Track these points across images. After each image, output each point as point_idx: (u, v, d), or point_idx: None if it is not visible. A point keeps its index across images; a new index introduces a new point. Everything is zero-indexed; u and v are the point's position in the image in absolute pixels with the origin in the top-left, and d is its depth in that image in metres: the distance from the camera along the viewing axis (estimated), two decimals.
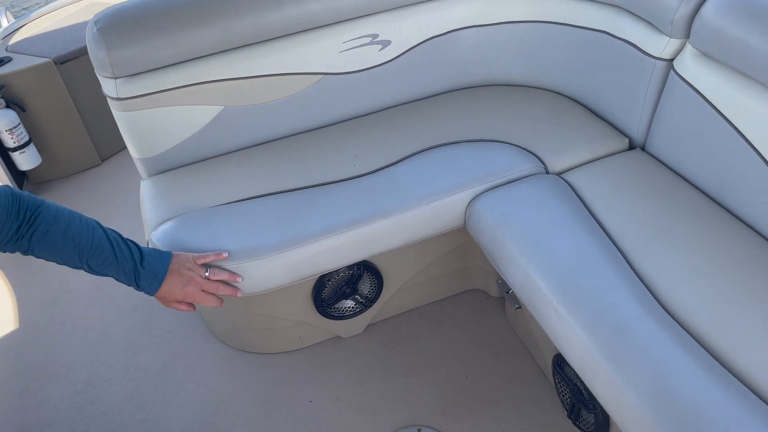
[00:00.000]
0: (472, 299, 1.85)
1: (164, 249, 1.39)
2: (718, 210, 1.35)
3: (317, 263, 1.43)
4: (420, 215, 1.47)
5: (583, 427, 1.38)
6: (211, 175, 1.62)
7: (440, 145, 1.63)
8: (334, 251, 1.42)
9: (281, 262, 1.38)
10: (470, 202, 1.50)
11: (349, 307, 1.67)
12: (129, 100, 1.54)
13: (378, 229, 1.44)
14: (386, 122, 1.75)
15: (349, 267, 1.58)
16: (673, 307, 1.16)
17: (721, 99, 1.31)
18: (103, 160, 2.76)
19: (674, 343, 1.09)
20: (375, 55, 1.71)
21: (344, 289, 1.62)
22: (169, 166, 1.68)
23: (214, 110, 1.63)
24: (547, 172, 1.55)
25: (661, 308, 1.16)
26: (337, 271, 1.57)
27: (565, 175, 1.52)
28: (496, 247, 1.41)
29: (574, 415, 1.39)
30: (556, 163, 1.55)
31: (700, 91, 1.36)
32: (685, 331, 1.12)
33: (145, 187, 1.62)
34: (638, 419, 1.03)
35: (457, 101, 1.80)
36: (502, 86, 1.87)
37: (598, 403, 1.25)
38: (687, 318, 1.14)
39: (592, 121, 1.67)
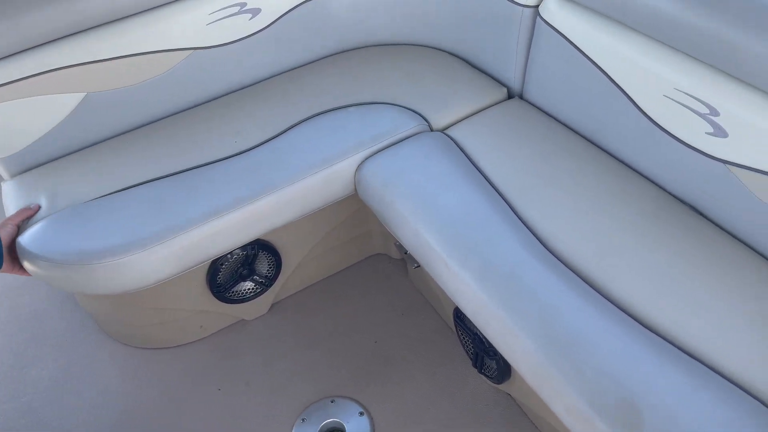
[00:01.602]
0: (374, 264, 1.85)
1: (36, 254, 1.28)
2: (594, 150, 1.40)
3: (207, 248, 1.37)
4: (309, 186, 1.43)
5: (488, 374, 1.42)
6: (82, 167, 1.51)
7: (323, 113, 1.59)
8: (223, 234, 1.36)
9: (167, 252, 1.31)
10: (358, 167, 1.48)
11: (248, 289, 1.62)
12: None
13: (266, 205, 1.39)
14: (265, 94, 1.68)
15: (243, 248, 1.52)
16: (557, 248, 1.20)
17: (586, 42, 1.34)
18: None
19: (558, 281, 1.13)
20: (245, 25, 1.64)
21: (241, 271, 1.57)
22: (33, 164, 1.54)
23: (76, 98, 1.51)
24: (431, 130, 1.54)
25: (545, 250, 1.20)
26: (230, 254, 1.51)
27: (448, 131, 1.52)
28: (386, 209, 1.40)
29: (478, 364, 1.42)
30: (439, 120, 1.55)
31: (566, 35, 1.39)
32: (568, 269, 1.16)
33: (8, 189, 1.49)
34: (529, 357, 1.07)
35: (337, 66, 1.76)
36: (380, 46, 1.84)
37: (497, 349, 1.28)
38: (570, 256, 1.18)
39: (471, 75, 1.68)
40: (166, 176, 1.45)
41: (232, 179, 1.41)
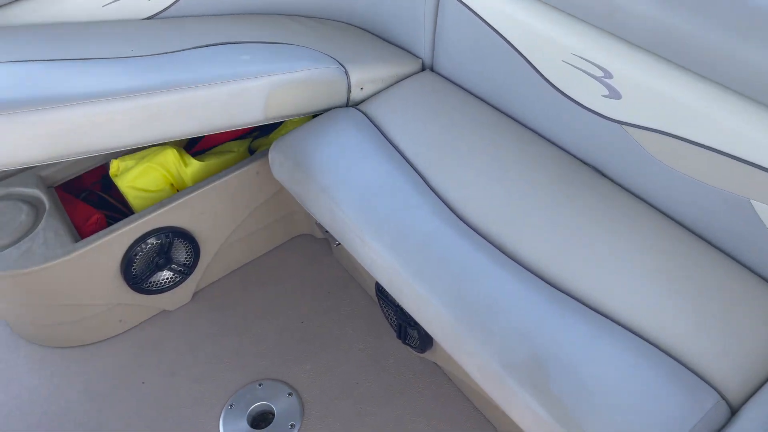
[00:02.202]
0: (299, 245, 1.84)
1: None
2: (501, 118, 1.43)
3: (88, 136, 1.21)
4: (215, 96, 1.30)
5: (411, 344, 1.44)
6: None
7: (237, 42, 1.47)
8: (108, 125, 1.21)
9: (40, 126, 1.14)
10: (271, 147, 1.46)
11: (167, 279, 1.58)
12: None
13: (164, 104, 1.25)
14: (172, 24, 1.57)
15: (157, 236, 1.48)
16: (468, 216, 1.22)
17: (488, 11, 1.36)
18: None
19: (470, 248, 1.15)
20: (143, 5, 1.57)
21: (157, 261, 1.53)
22: None
23: None
24: (347, 76, 1.49)
25: (456, 218, 1.22)
26: (144, 244, 1.47)
27: (360, 105, 1.52)
28: (301, 187, 1.39)
29: (402, 335, 1.44)
30: (355, 71, 1.50)
31: (469, 5, 1.40)
32: (479, 235, 1.18)
33: None
34: (443, 324, 1.09)
35: (249, 19, 1.68)
36: (289, 15, 1.80)
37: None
38: (480, 223, 1.20)
39: (383, 47, 1.67)
40: (41, 60, 1.26)
41: (127, 71, 1.27)
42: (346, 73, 1.49)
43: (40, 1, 1.43)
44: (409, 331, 1.41)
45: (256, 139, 1.75)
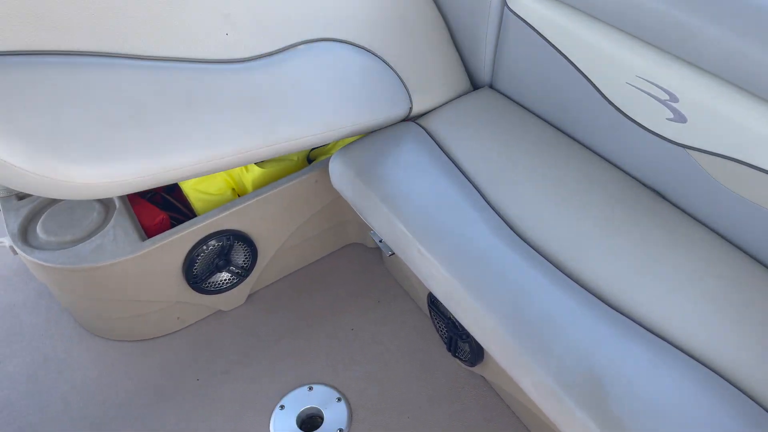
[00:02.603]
0: (350, 253, 1.87)
1: None
2: (561, 137, 1.44)
3: (172, 177, 1.19)
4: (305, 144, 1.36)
5: (461, 357, 1.45)
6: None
7: (319, 40, 1.43)
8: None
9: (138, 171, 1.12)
10: (332, 158, 1.50)
11: (225, 280, 1.64)
12: None
13: (257, 154, 1.28)
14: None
15: (218, 239, 1.53)
16: (526, 233, 1.24)
17: (552, 31, 1.37)
18: None
19: (527, 265, 1.16)
20: None
21: (217, 262, 1.58)
22: None
23: None
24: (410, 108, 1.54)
25: (515, 235, 1.23)
26: (205, 246, 1.52)
27: (419, 120, 1.55)
28: (359, 197, 1.42)
29: (452, 347, 1.46)
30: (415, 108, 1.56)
31: (532, 25, 1.42)
32: (537, 253, 1.19)
33: None
34: (499, 339, 1.10)
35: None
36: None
37: (469, 333, 1.32)
38: (538, 240, 1.22)
39: (445, 61, 1.70)
40: (127, 56, 1.13)
41: (232, 112, 1.22)
42: (408, 95, 1.52)
43: None
44: (459, 344, 1.42)
45: (315, 149, 1.80)
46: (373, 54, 1.48)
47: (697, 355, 1.01)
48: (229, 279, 1.64)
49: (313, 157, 1.77)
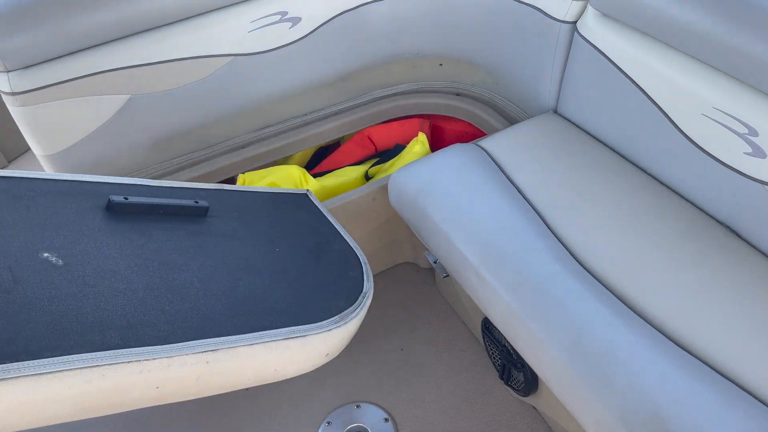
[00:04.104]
0: (402, 273, 1.87)
1: None
2: (629, 166, 1.40)
3: None
4: None
5: (514, 386, 1.42)
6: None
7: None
8: None
9: None
10: (391, 176, 1.50)
11: None
12: (24, 95, 1.45)
13: None
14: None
15: None
16: (589, 262, 1.20)
17: (624, 58, 1.35)
18: (9, 161, 2.61)
19: (590, 295, 1.13)
20: (285, 33, 1.68)
21: None
22: (77, 164, 1.60)
23: (120, 99, 1.56)
24: None
25: (577, 264, 1.20)
26: None
27: (481, 143, 1.53)
28: (418, 217, 1.42)
29: (505, 375, 1.42)
30: None
31: (603, 51, 1.39)
32: (599, 283, 1.16)
33: None
34: (558, 370, 1.07)
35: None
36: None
37: (525, 362, 1.29)
38: (601, 271, 1.18)
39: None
40: None
41: None
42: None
43: (195, 23, 1.56)
44: (514, 372, 1.39)
45: (373, 166, 1.81)
46: None
47: (766, 398, 0.96)
48: None
49: (371, 175, 1.78)
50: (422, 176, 1.45)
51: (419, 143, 1.78)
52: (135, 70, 1.53)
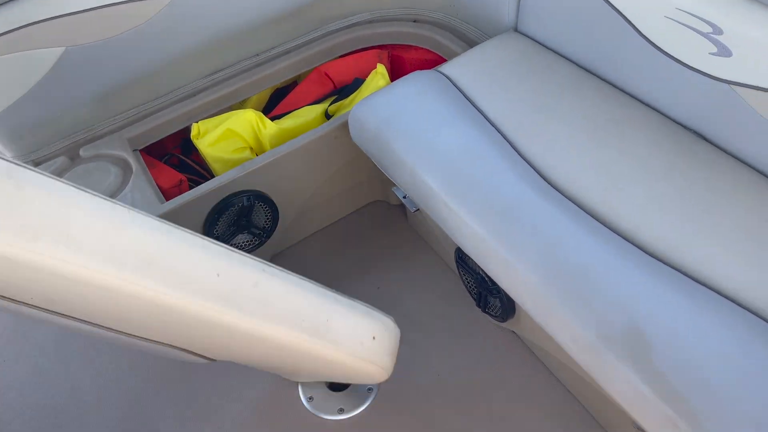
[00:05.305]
0: (373, 211, 1.83)
1: None
2: (593, 80, 1.36)
3: None
4: None
5: (492, 313, 1.41)
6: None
7: None
8: None
9: None
10: (351, 111, 1.44)
11: (246, 241, 1.60)
12: None
13: None
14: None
15: (239, 199, 1.49)
16: (558, 181, 1.17)
17: None
18: None
19: (560, 214, 1.10)
20: None
21: (237, 223, 1.55)
22: (17, 128, 1.51)
23: (55, 53, 1.45)
24: None
25: (546, 184, 1.17)
26: (225, 206, 1.49)
27: (442, 68, 1.47)
28: (381, 152, 1.37)
29: (482, 303, 1.41)
30: None
31: None
32: (570, 201, 1.13)
33: None
34: (533, 292, 1.05)
35: None
36: None
37: (501, 287, 1.27)
38: (572, 188, 1.15)
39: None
40: None
41: None
42: None
43: None
44: (490, 299, 1.38)
45: (333, 104, 1.73)
46: None
47: (742, 300, 0.95)
48: (250, 240, 1.61)
49: (331, 113, 1.71)
50: (382, 108, 1.39)
51: (379, 75, 1.71)
52: (67, 20, 1.42)
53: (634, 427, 1.13)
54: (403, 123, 1.34)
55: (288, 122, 1.64)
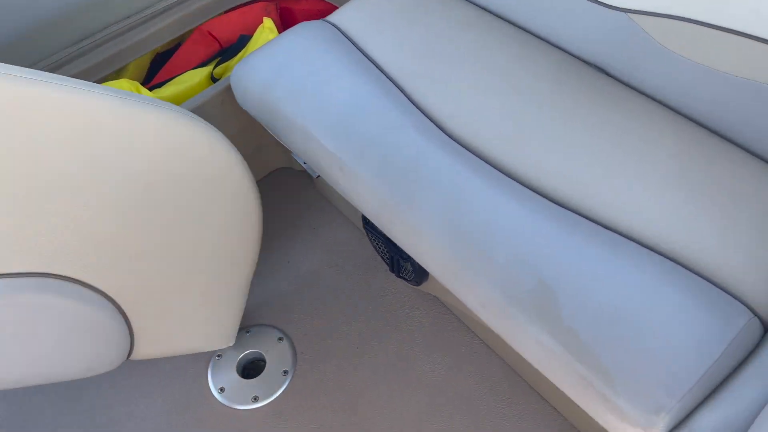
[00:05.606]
0: (278, 180, 1.70)
1: None
2: (489, 19, 1.26)
3: None
4: None
5: (406, 277, 1.34)
6: None
7: None
8: None
9: None
10: (232, 73, 1.30)
11: None
12: None
13: None
14: None
15: None
16: (458, 133, 1.08)
17: None
18: None
19: (463, 168, 1.02)
20: None
21: None
22: None
23: None
24: None
25: (446, 137, 1.08)
26: None
27: (329, 18, 1.34)
28: (269, 115, 1.24)
29: (395, 268, 1.33)
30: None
31: None
32: (472, 154, 1.05)
33: None
34: (437, 255, 0.98)
35: None
36: None
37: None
38: (472, 140, 1.07)
39: None
40: None
41: None
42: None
43: None
44: (402, 263, 1.30)
45: (219, 65, 1.58)
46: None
47: (653, 244, 0.90)
48: None
49: (217, 76, 1.56)
50: (265, 67, 1.25)
51: (267, 30, 1.56)
52: None
53: None
54: (288, 81, 1.21)
55: (169, 90, 1.48)
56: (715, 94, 0.99)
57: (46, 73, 0.80)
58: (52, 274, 0.91)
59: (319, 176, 1.46)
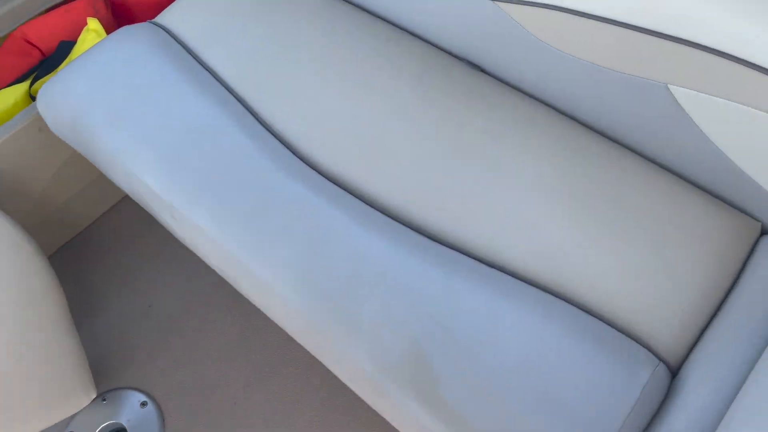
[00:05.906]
0: (127, 209, 1.44)
1: None
2: (345, 9, 1.07)
3: None
4: None
5: None
6: None
7: None
8: None
9: None
10: (38, 96, 1.05)
11: None
12: None
13: None
14: None
15: None
16: (314, 157, 0.91)
17: None
18: None
19: (320, 202, 0.84)
20: None
21: None
22: None
23: None
24: None
25: (300, 163, 0.90)
26: None
27: (158, 20, 1.11)
28: (85, 148, 1.01)
29: None
30: None
31: None
32: (331, 183, 0.87)
33: None
34: (294, 316, 0.81)
35: None
36: None
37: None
38: (330, 165, 0.90)
39: None
40: None
41: None
42: None
43: None
44: None
45: (37, 80, 1.31)
46: None
47: (539, 280, 0.77)
48: None
49: (35, 93, 1.29)
50: (80, 86, 1.02)
51: (92, 33, 1.29)
52: None
53: None
54: (108, 103, 0.98)
55: None
56: (601, 92, 0.86)
57: None
58: None
59: None
